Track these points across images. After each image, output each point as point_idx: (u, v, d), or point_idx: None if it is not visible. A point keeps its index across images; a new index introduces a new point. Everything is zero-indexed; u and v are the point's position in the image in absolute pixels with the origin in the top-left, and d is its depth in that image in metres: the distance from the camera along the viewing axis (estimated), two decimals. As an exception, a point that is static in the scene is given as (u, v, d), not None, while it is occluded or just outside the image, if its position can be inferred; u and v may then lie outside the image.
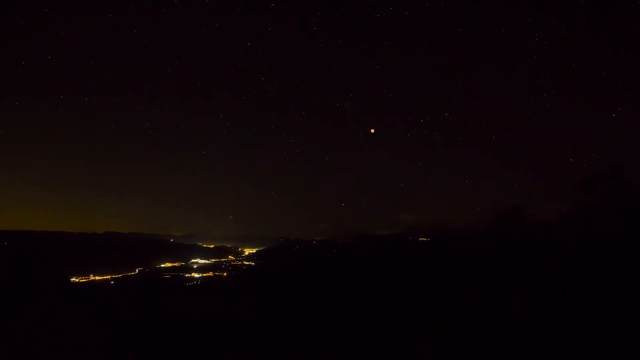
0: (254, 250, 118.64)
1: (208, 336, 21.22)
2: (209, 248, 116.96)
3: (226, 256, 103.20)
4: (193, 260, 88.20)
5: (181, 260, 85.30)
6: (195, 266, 79.92)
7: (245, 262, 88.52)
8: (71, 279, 55.39)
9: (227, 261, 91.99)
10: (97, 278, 60.07)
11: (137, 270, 69.03)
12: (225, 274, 65.75)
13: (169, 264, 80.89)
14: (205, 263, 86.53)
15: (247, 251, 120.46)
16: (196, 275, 64.08)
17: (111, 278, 60.22)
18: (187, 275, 63.51)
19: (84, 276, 59.44)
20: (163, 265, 79.58)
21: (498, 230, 22.27)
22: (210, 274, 65.85)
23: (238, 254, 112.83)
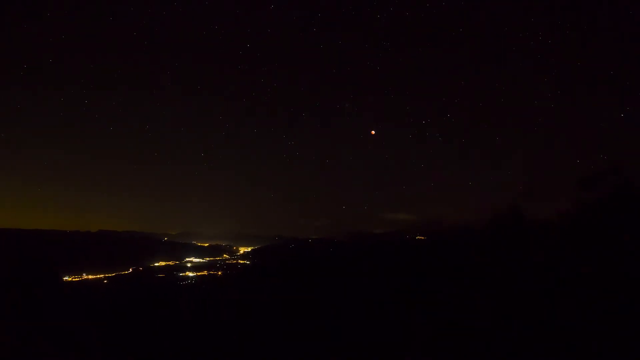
0: (249, 249, 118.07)
1: (202, 336, 20.92)
2: (204, 247, 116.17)
3: (221, 255, 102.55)
4: (187, 259, 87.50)
5: (175, 259, 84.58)
6: (189, 265, 79.31)
7: (240, 261, 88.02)
8: (64, 278, 54.70)
9: (222, 260, 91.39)
10: (90, 277, 59.40)
11: (131, 269, 68.35)
12: (220, 273, 65.25)
13: (163, 263, 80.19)
14: (199, 262, 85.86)
15: (242, 250, 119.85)
16: (190, 275, 63.51)
17: (104, 277, 59.56)
18: (181, 275, 62.94)
19: (77, 275, 58.79)
20: (157, 264, 78.86)
21: (496, 228, 22.19)
22: (205, 273, 65.28)
23: (233, 253, 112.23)
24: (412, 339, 16.01)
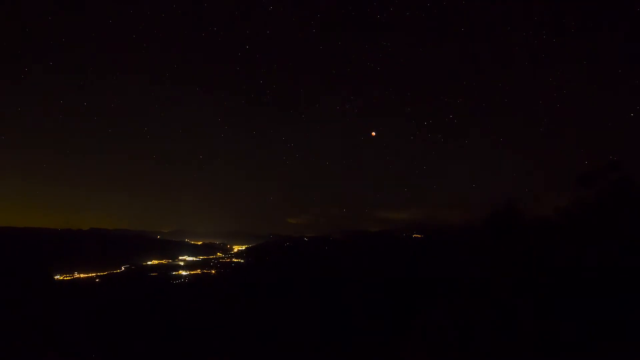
0: (244, 247, 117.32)
1: (197, 336, 20.65)
2: (197, 245, 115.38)
3: (214, 253, 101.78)
4: (180, 258, 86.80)
5: (168, 257, 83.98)
6: (182, 263, 78.69)
7: (234, 259, 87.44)
8: (55, 277, 54.09)
9: (216, 258, 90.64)
10: (82, 276, 58.75)
11: (123, 268, 67.73)
12: (213, 272, 64.71)
13: (156, 261, 79.56)
14: (193, 260, 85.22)
15: (236, 248, 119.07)
16: (184, 273, 63.01)
17: (96, 276, 58.94)
18: (175, 273, 62.41)
19: (69, 274, 58.13)
20: (149, 262, 78.22)
21: (493, 226, 22.03)
22: (199, 271, 64.75)
23: (227, 251, 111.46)
24: (409, 337, 15.83)
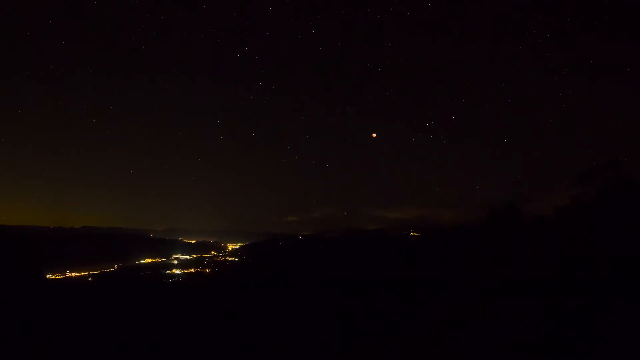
0: (238, 245, 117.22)
1: (191, 336, 20.32)
2: (191, 243, 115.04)
3: (208, 252, 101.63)
4: (174, 256, 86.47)
5: (161, 256, 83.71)
6: (176, 262, 78.40)
7: (228, 258, 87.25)
8: (47, 276, 53.55)
9: (210, 257, 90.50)
10: (74, 274, 58.37)
11: (116, 267, 67.36)
12: (207, 270, 64.58)
13: (149, 260, 79.31)
14: (186, 259, 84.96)
15: (231, 246, 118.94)
16: (177, 272, 62.74)
17: (89, 275, 58.54)
18: (168, 272, 62.19)
19: (60, 272, 57.70)
20: (143, 261, 77.94)
21: (493, 225, 22.03)
22: (192, 270, 64.57)
23: (221, 250, 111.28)
24: (405, 337, 15.70)
